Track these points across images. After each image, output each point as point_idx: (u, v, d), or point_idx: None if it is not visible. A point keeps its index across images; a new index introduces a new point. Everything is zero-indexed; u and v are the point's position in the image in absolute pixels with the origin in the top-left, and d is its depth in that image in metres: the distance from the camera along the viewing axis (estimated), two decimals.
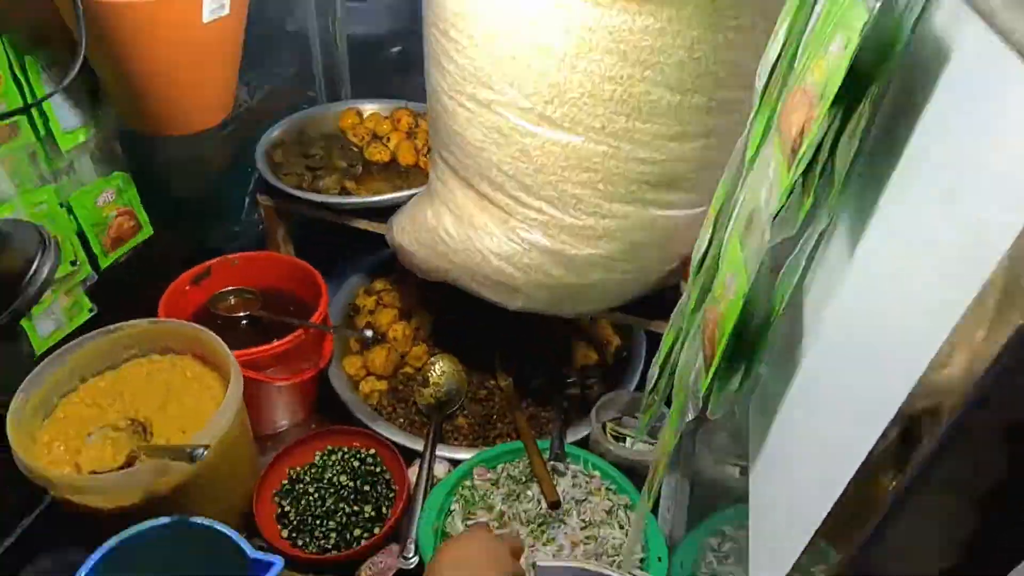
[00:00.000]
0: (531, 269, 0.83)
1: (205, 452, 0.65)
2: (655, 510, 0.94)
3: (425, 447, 0.97)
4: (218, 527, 0.72)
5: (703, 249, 0.63)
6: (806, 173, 0.41)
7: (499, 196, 0.81)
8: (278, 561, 0.71)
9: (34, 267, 0.52)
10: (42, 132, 0.70)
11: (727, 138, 0.76)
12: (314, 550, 0.88)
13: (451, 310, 1.18)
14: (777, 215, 0.43)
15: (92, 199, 0.78)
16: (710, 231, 0.62)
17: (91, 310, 0.84)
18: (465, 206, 0.85)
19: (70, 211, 0.76)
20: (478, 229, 0.84)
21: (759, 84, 0.56)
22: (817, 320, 0.47)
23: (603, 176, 0.75)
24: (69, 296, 0.80)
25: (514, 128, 0.75)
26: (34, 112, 0.68)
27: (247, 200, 1.15)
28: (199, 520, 0.72)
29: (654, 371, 0.74)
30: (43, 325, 0.78)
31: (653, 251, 0.83)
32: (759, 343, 0.50)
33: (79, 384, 0.85)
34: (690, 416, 0.57)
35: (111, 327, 0.85)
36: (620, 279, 0.84)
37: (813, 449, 0.42)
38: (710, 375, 0.52)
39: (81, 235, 0.79)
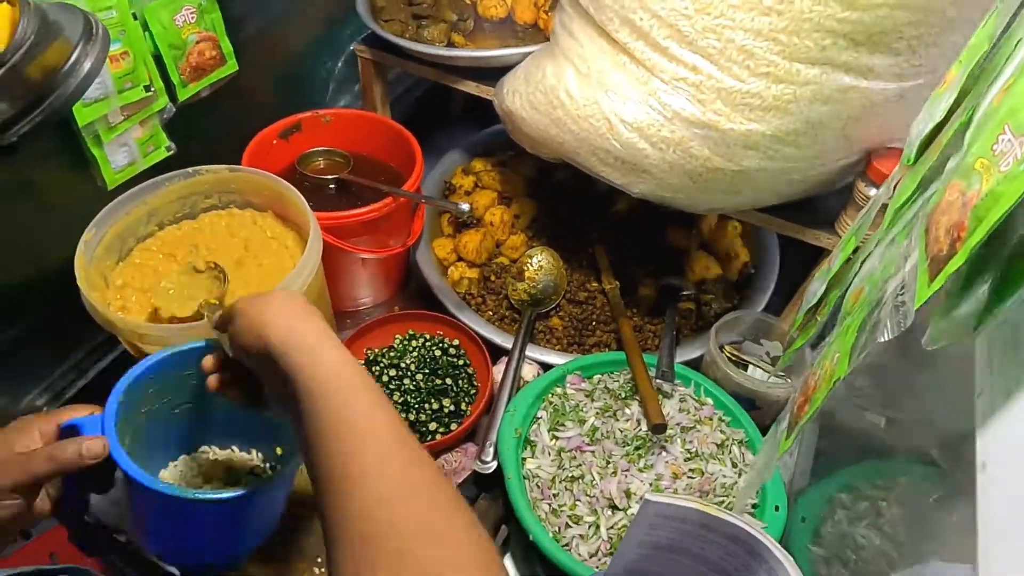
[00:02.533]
0: (669, 146, 0.67)
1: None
2: None
3: (515, 344, 0.87)
4: None
5: (935, 123, 0.45)
6: None
7: (641, 47, 0.65)
8: None
9: (74, 56, 0.43)
10: None
11: None
12: None
13: (559, 201, 1.05)
14: None
15: (170, 15, 0.68)
16: (952, 97, 0.44)
17: (168, 148, 0.76)
18: (595, 60, 0.69)
19: (145, 27, 0.67)
20: (608, 90, 0.68)
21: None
22: None
23: (789, 23, 0.57)
24: (145, 127, 0.72)
25: None
26: None
27: (346, 50, 1.02)
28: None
29: (819, 285, 0.58)
30: (117, 156, 0.70)
31: (832, 135, 0.64)
32: None
33: (156, 230, 0.79)
34: (886, 335, 0.41)
35: (189, 170, 0.77)
36: (780, 169, 0.67)
37: None
38: (940, 278, 0.36)
39: (157, 59, 0.70)
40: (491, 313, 0.95)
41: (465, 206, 0.85)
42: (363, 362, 0.89)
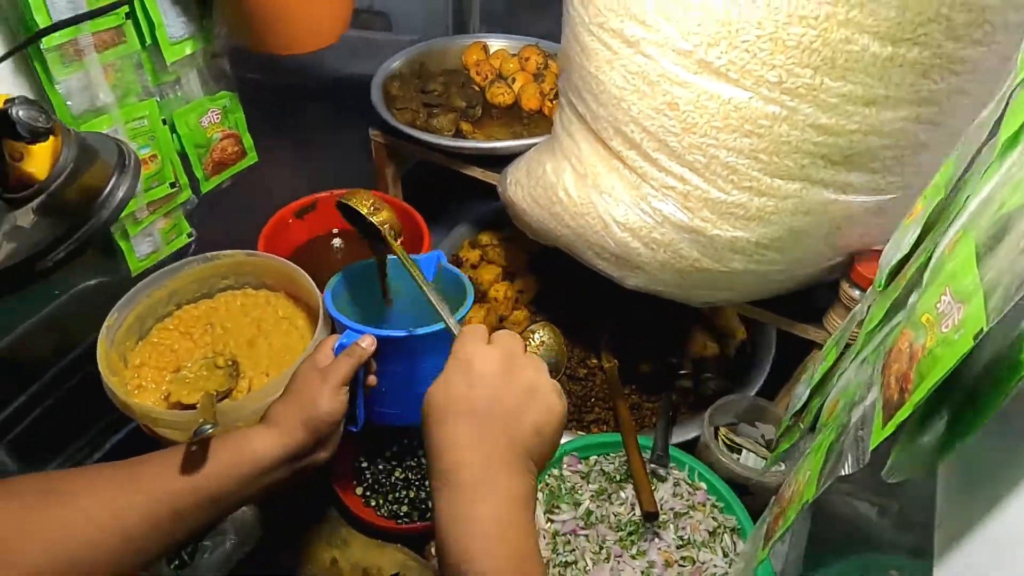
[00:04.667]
0: (660, 246, 0.70)
1: (210, 430, 0.59)
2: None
3: None
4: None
5: (902, 254, 0.48)
6: None
7: (633, 156, 0.69)
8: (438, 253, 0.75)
9: (108, 188, 0.47)
10: (148, 40, 0.65)
11: (945, 109, 0.59)
12: (385, 514, 0.83)
13: (560, 277, 1.08)
14: None
15: (196, 118, 0.74)
16: (917, 232, 0.47)
17: (190, 235, 0.81)
18: (591, 164, 0.73)
19: (173, 129, 0.72)
20: (603, 192, 0.72)
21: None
22: None
23: (769, 144, 0.60)
24: (168, 219, 0.77)
25: (664, 75, 0.62)
26: (140, 17, 0.63)
27: (362, 134, 1.08)
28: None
29: (803, 390, 0.60)
30: (141, 247, 0.75)
31: (815, 242, 0.68)
32: (986, 400, 0.36)
33: (174, 310, 0.84)
34: (846, 470, 0.43)
35: (208, 255, 0.82)
36: (766, 271, 0.70)
37: None
38: (890, 426, 0.38)
39: (183, 156, 0.75)
40: None
41: None
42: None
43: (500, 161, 0.93)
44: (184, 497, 0.54)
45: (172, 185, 0.74)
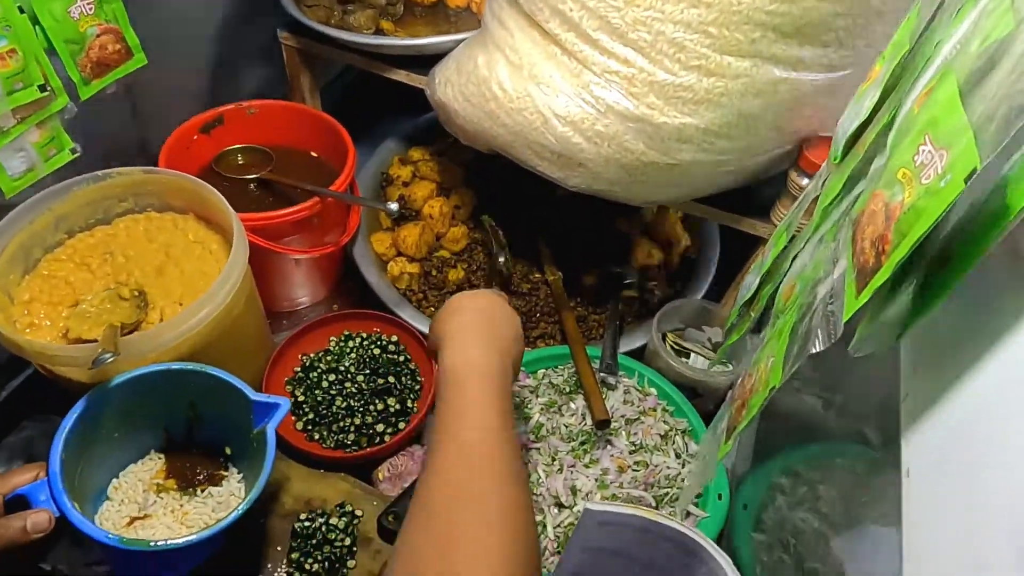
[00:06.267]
0: (603, 139, 0.66)
1: (110, 359, 0.52)
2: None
3: None
4: (213, 371, 0.63)
5: (860, 120, 0.45)
6: None
7: (572, 39, 0.63)
8: (284, 402, 0.63)
9: None
10: None
11: None
12: (331, 445, 0.79)
13: (498, 188, 1.02)
14: None
15: (63, 7, 0.63)
16: (876, 95, 0.44)
17: (73, 151, 0.70)
18: (526, 52, 0.67)
19: (34, 21, 0.61)
20: (540, 83, 0.66)
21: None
22: None
23: (718, 15, 0.55)
24: (43, 129, 0.66)
25: None
26: None
27: (269, 37, 0.97)
28: (193, 366, 0.63)
29: (753, 279, 0.58)
30: (12, 163, 0.65)
31: (766, 126, 0.64)
32: (964, 255, 0.33)
33: (66, 238, 0.74)
34: (817, 347, 0.41)
35: (99, 173, 0.72)
36: (715, 161, 0.66)
37: None
38: (866, 292, 0.36)
39: (52, 54, 0.64)
40: (433, 308, 0.93)
41: (393, 205, 0.81)
42: (299, 369, 0.85)
43: (427, 62, 0.85)
44: None
45: (42, 88, 0.63)
